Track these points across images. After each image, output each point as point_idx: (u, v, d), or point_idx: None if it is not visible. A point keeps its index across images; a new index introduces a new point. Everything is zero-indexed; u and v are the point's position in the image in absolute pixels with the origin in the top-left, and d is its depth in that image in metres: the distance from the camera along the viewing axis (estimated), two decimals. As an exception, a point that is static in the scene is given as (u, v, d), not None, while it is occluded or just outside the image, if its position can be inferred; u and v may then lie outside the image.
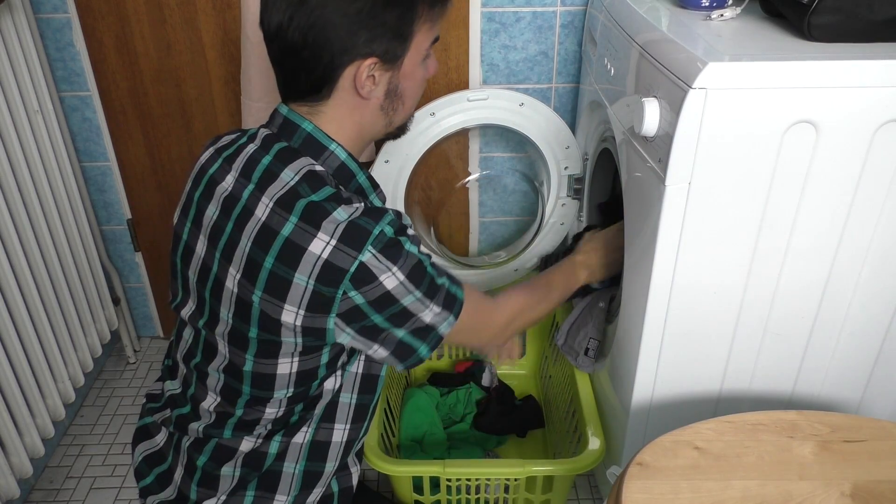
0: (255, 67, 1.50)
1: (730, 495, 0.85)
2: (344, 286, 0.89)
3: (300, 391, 1.01)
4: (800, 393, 1.18)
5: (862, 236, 1.03)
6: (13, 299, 1.38)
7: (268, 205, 0.92)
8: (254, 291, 0.92)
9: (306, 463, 1.05)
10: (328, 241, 0.89)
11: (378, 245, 0.90)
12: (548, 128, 1.50)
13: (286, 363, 0.97)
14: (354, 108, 0.98)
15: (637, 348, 1.12)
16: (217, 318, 0.98)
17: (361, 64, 0.93)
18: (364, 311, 0.92)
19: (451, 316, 1.00)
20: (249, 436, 1.02)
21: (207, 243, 0.98)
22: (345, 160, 0.99)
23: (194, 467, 1.03)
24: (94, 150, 1.69)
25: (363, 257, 0.89)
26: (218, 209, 0.97)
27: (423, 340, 0.99)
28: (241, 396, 1.00)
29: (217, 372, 1.01)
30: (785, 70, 0.93)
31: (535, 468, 1.25)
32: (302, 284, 0.89)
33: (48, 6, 1.53)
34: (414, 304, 0.95)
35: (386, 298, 0.92)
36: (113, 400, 1.77)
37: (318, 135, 0.97)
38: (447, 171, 1.71)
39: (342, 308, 0.91)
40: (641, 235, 1.08)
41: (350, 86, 0.95)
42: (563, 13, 1.54)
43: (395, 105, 1.01)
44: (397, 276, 0.91)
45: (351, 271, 0.89)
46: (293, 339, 0.94)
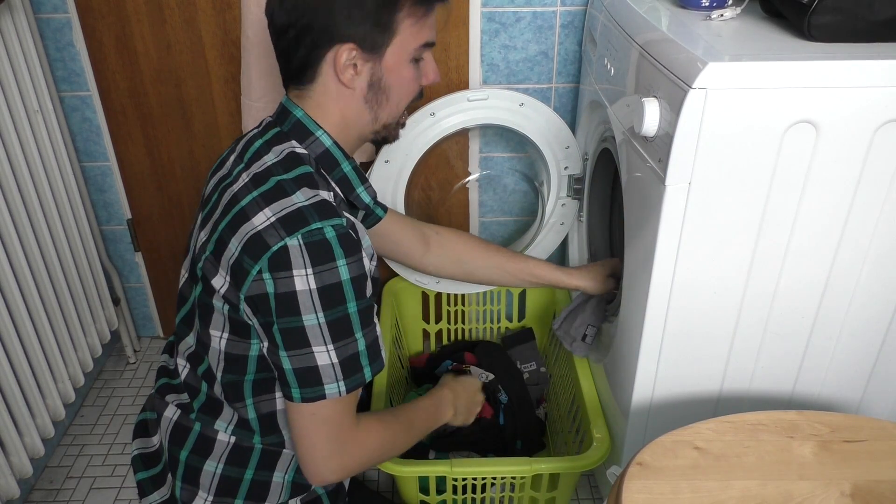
0: (255, 67, 1.50)
1: (730, 495, 0.85)
2: (261, 263, 0.89)
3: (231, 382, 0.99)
4: (800, 393, 1.18)
5: (862, 236, 1.03)
6: (13, 299, 1.38)
7: (245, 179, 0.97)
8: (206, 251, 0.97)
9: (295, 475, 1.06)
10: (270, 216, 0.90)
11: (308, 238, 0.89)
12: (548, 128, 1.50)
13: (216, 335, 0.98)
14: (339, 96, 1.00)
15: (637, 348, 1.12)
16: (195, 282, 1.01)
17: (340, 48, 0.96)
18: (269, 304, 0.90)
19: (343, 383, 0.93)
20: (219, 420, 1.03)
21: (202, 218, 1.03)
22: (329, 147, 1.01)
23: (177, 462, 1.04)
24: (94, 150, 1.69)
25: (289, 241, 0.88)
26: (214, 188, 1.03)
27: (300, 387, 0.93)
28: (202, 364, 1.02)
29: (191, 338, 1.04)
30: (785, 70, 0.93)
31: (541, 466, 1.25)
32: (232, 249, 0.92)
33: (48, 6, 1.53)
34: (313, 328, 0.90)
35: (290, 300, 0.89)
36: (113, 400, 1.77)
37: (306, 121, 1.01)
38: (447, 171, 1.71)
39: (252, 290, 0.90)
40: (641, 235, 1.08)
41: (332, 71, 0.98)
42: (563, 13, 1.54)
43: (378, 99, 1.02)
44: (309, 281, 0.88)
45: (273, 249, 0.89)
46: (221, 308, 0.96)
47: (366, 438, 1.02)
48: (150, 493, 1.08)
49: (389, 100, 1.03)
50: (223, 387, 1.01)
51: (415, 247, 1.35)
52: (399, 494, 1.37)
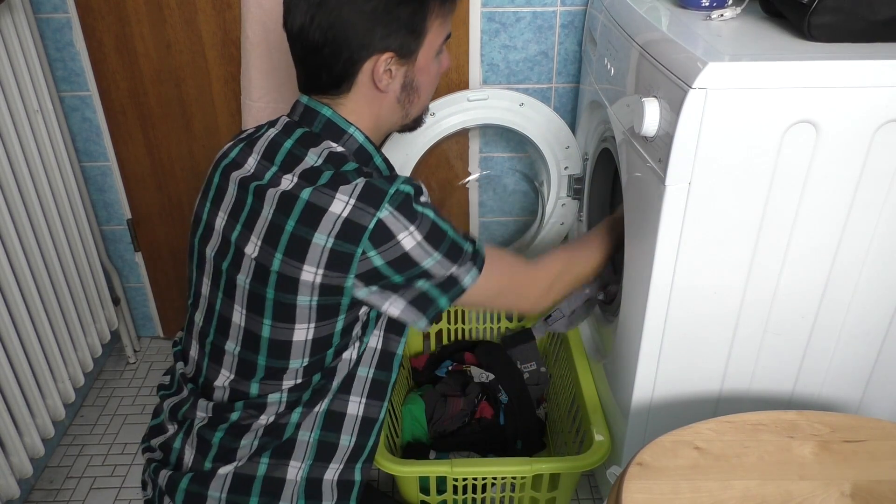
0: (255, 67, 1.50)
1: (730, 495, 0.85)
2: (363, 245, 0.93)
3: (316, 360, 1.02)
4: (800, 393, 1.18)
5: (862, 236, 1.03)
6: (13, 299, 1.38)
7: (292, 179, 0.97)
8: (274, 255, 0.96)
9: (321, 432, 1.06)
10: (347, 200, 0.93)
11: (395, 202, 0.93)
12: (548, 128, 1.50)
13: (302, 329, 0.99)
14: (372, 100, 1.03)
15: (637, 348, 1.12)
16: (234, 287, 1.01)
17: (379, 58, 0.99)
18: (383, 272, 0.95)
19: (474, 269, 1.01)
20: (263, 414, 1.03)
21: (228, 218, 1.02)
22: (362, 143, 1.04)
23: (209, 445, 1.04)
24: (94, 150, 1.69)
25: (381, 214, 0.92)
26: (237, 187, 1.02)
27: (445, 292, 1.01)
28: (257, 371, 1.02)
29: (234, 344, 1.02)
30: (785, 70, 0.93)
31: (542, 466, 1.25)
32: (321, 243, 0.93)
33: (48, 6, 1.53)
34: (434, 266, 0.97)
35: (405, 260, 0.95)
36: (113, 400, 1.77)
37: (336, 119, 1.02)
38: (447, 171, 1.71)
39: (361, 269, 0.94)
40: (641, 235, 1.08)
41: (368, 80, 1.01)
42: (563, 13, 1.54)
43: (411, 98, 1.07)
44: (415, 236, 0.94)
45: (370, 228, 0.92)
46: (308, 299, 0.96)
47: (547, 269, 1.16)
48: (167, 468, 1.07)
49: (420, 97, 1.08)
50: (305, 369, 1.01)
51: None
52: (399, 494, 1.37)
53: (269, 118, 1.56)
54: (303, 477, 1.05)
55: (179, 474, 1.04)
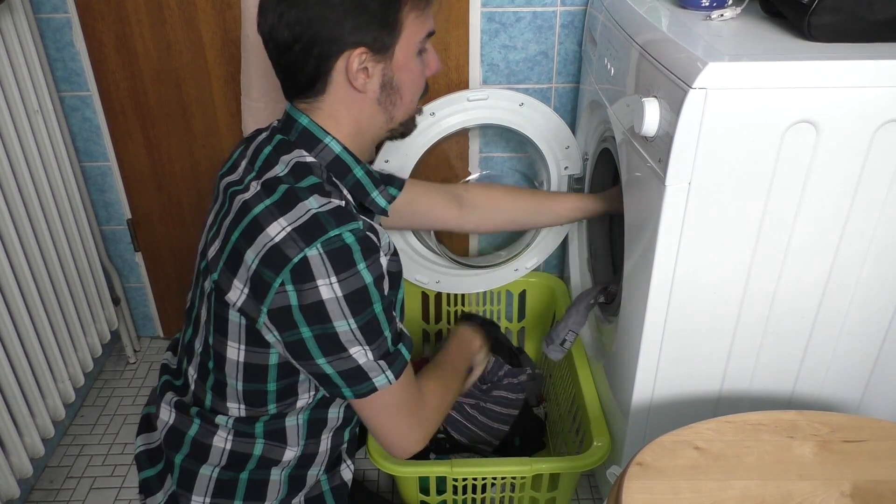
0: (255, 67, 1.50)
1: (730, 495, 0.85)
2: (283, 276, 0.89)
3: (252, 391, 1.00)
4: (800, 393, 1.18)
5: (862, 236, 1.03)
6: (13, 299, 1.37)
7: (256, 188, 0.95)
8: (219, 263, 0.95)
9: (293, 470, 1.07)
10: (285, 226, 0.90)
11: (328, 246, 0.89)
12: (548, 128, 1.50)
13: (234, 348, 0.97)
14: (351, 102, 0.99)
15: (637, 348, 1.12)
16: (203, 290, 1.02)
17: (351, 54, 0.95)
18: (294, 317, 0.90)
19: (389, 371, 0.95)
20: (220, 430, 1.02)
21: (211, 220, 1.03)
22: (339, 153, 1.00)
23: (172, 466, 1.04)
24: (94, 150, 1.69)
25: (309, 252, 0.88)
26: (222, 192, 1.02)
27: (349, 385, 0.95)
28: (209, 376, 1.02)
29: (198, 345, 1.04)
30: (785, 70, 0.93)
31: (541, 466, 1.25)
32: (249, 262, 0.91)
33: (48, 6, 1.53)
34: (346, 334, 0.92)
35: (318, 309, 0.90)
36: (113, 400, 1.77)
37: (312, 128, 0.99)
38: (447, 171, 1.71)
39: (275, 303, 0.90)
40: (641, 235, 1.08)
41: (344, 79, 0.97)
42: (563, 13, 1.54)
43: (392, 99, 1.01)
44: (335, 289, 0.89)
45: (294, 261, 0.88)
46: (237, 320, 0.95)
47: (431, 400, 1.08)
48: (155, 492, 1.08)
49: (403, 98, 1.02)
50: (244, 394, 1.01)
51: (448, 209, 1.36)
52: (399, 495, 1.37)
53: (269, 118, 1.57)
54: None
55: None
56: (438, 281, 1.63)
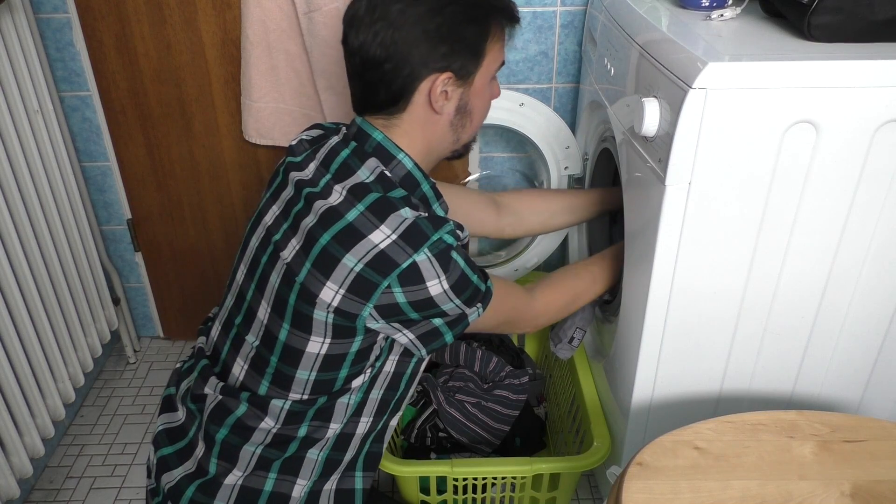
0: (255, 67, 1.50)
1: (730, 495, 0.85)
2: (390, 279, 0.93)
3: (324, 380, 1.02)
4: (800, 393, 1.18)
5: (862, 236, 1.03)
6: (13, 299, 1.38)
7: (341, 192, 0.98)
8: (304, 264, 0.96)
9: (330, 452, 1.07)
10: (389, 234, 0.94)
11: (434, 250, 0.94)
12: (548, 128, 1.50)
13: (317, 342, 0.99)
14: (426, 122, 1.03)
15: (637, 348, 1.12)
16: (265, 284, 1.02)
17: (437, 78, 0.99)
18: (403, 309, 0.96)
19: (481, 307, 1.04)
20: (267, 417, 1.03)
21: (278, 215, 1.04)
22: (411, 169, 1.03)
23: (213, 441, 1.04)
24: (94, 150, 1.69)
25: (417, 257, 0.93)
26: (293, 188, 1.03)
27: (452, 328, 1.03)
28: (268, 370, 1.02)
29: (254, 337, 1.04)
30: (785, 70, 0.93)
31: (542, 466, 1.25)
32: (350, 265, 0.94)
33: (48, 6, 1.53)
34: (453, 309, 0.99)
35: (427, 303, 0.96)
36: (113, 400, 1.77)
37: (387, 144, 1.02)
38: (447, 171, 1.71)
39: (381, 301, 0.95)
40: (641, 235, 1.08)
41: (424, 100, 1.01)
42: (563, 13, 1.54)
43: (463, 122, 1.06)
44: (443, 284, 0.96)
45: (402, 266, 0.93)
46: (324, 318, 0.96)
47: (545, 304, 1.19)
48: (175, 468, 1.07)
49: (472, 121, 1.07)
50: (314, 383, 1.02)
51: (487, 213, 1.38)
52: (400, 494, 1.37)
53: (270, 118, 1.57)
54: (306, 492, 1.06)
55: (186, 480, 1.05)
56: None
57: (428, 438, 1.49)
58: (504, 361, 1.57)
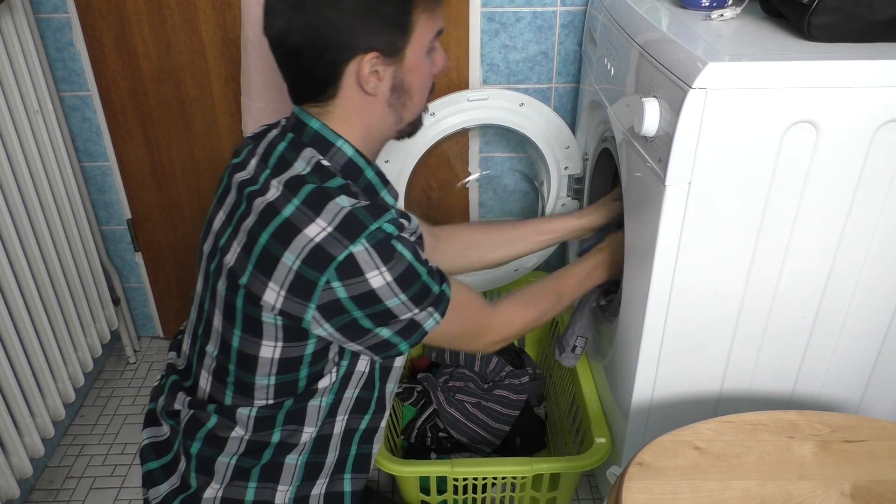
0: (255, 68, 1.50)
1: (730, 495, 0.85)
2: (328, 274, 0.89)
3: (284, 382, 1.00)
4: (800, 393, 1.18)
5: (862, 236, 1.03)
6: (13, 299, 1.38)
7: (277, 187, 0.94)
8: (246, 266, 0.94)
9: (309, 455, 1.06)
10: (325, 226, 0.90)
11: (372, 240, 0.90)
12: (548, 128, 1.50)
13: (269, 346, 0.97)
14: (362, 105, 0.99)
15: (637, 348, 1.12)
16: (215, 292, 1.00)
17: (363, 59, 0.94)
18: (345, 305, 0.92)
19: (437, 314, 0.99)
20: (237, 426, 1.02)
21: (223, 220, 1.01)
22: (352, 156, 1.00)
23: (190, 456, 1.04)
24: (94, 150, 1.69)
25: (354, 248, 0.89)
26: (236, 191, 1.01)
27: (406, 338, 0.98)
28: (229, 379, 1.01)
29: (213, 348, 1.02)
30: (785, 70, 0.93)
31: (542, 466, 1.25)
32: (288, 264, 0.90)
33: (48, 6, 1.53)
34: (398, 306, 0.94)
35: (369, 297, 0.92)
36: (113, 400, 1.77)
37: (324, 132, 0.99)
38: (447, 171, 1.71)
39: (323, 299, 0.91)
40: (641, 235, 1.08)
41: (355, 83, 0.96)
42: (563, 13, 1.54)
43: (402, 100, 1.01)
44: (385, 276, 0.91)
45: (339, 259, 0.89)
46: (273, 321, 0.94)
47: (509, 320, 1.14)
48: (161, 483, 1.07)
49: (413, 98, 1.02)
50: (275, 387, 1.00)
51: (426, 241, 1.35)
52: (400, 494, 1.37)
53: (269, 118, 1.56)
54: (290, 498, 1.05)
55: (171, 495, 1.05)
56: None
57: (428, 438, 1.49)
58: (504, 361, 1.57)
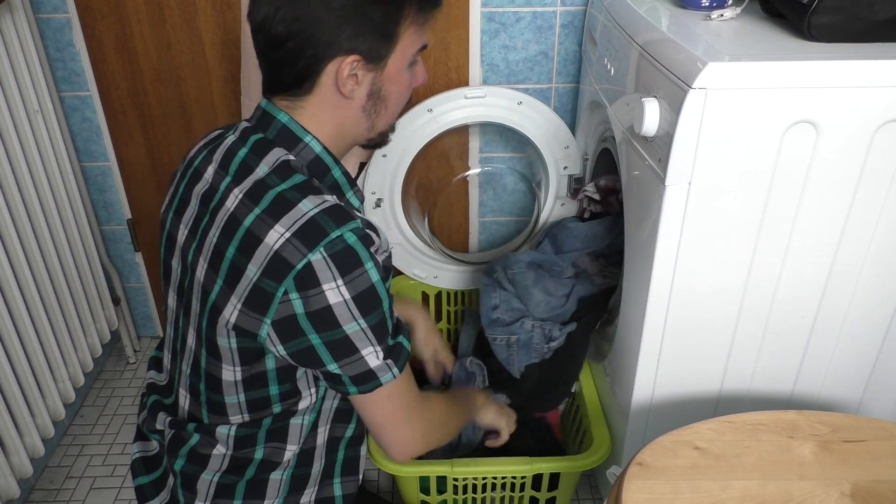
0: (255, 68, 1.48)
1: (730, 495, 0.85)
2: (286, 284, 0.86)
3: (255, 398, 0.98)
4: (800, 393, 1.18)
5: (862, 236, 1.03)
6: (13, 299, 1.38)
7: (238, 196, 0.91)
8: (216, 281, 0.91)
9: (294, 470, 1.05)
10: (283, 232, 0.87)
11: (331, 249, 0.86)
12: (547, 127, 1.50)
13: (230, 370, 0.94)
14: (335, 106, 0.96)
15: (637, 348, 1.12)
16: (190, 309, 0.97)
17: (344, 60, 0.92)
18: (301, 325, 0.88)
19: (395, 368, 0.95)
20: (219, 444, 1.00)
21: (187, 234, 0.98)
22: (319, 153, 0.97)
23: (175, 473, 1.03)
24: (94, 150, 1.69)
25: (312, 256, 0.86)
26: (198, 203, 0.97)
27: (357, 385, 0.94)
28: (201, 397, 1.00)
29: (186, 366, 1.01)
30: (785, 70, 0.93)
31: (541, 466, 1.25)
32: (250, 276, 0.88)
33: (48, 6, 1.53)
34: (357, 333, 0.90)
35: (326, 315, 0.87)
36: (113, 400, 1.77)
37: (292, 126, 0.96)
38: (447, 170, 1.71)
39: (280, 313, 0.87)
40: (641, 235, 1.08)
41: (332, 83, 0.94)
42: (563, 13, 1.54)
43: (377, 108, 0.99)
44: (342, 291, 0.87)
45: (297, 268, 0.86)
46: (227, 344, 0.92)
47: (433, 406, 1.08)
48: (152, 499, 1.07)
49: (388, 108, 1.00)
50: (247, 404, 0.98)
51: None
52: (400, 494, 1.37)
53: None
54: None
55: None
56: (437, 276, 1.63)
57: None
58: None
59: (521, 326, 1.27)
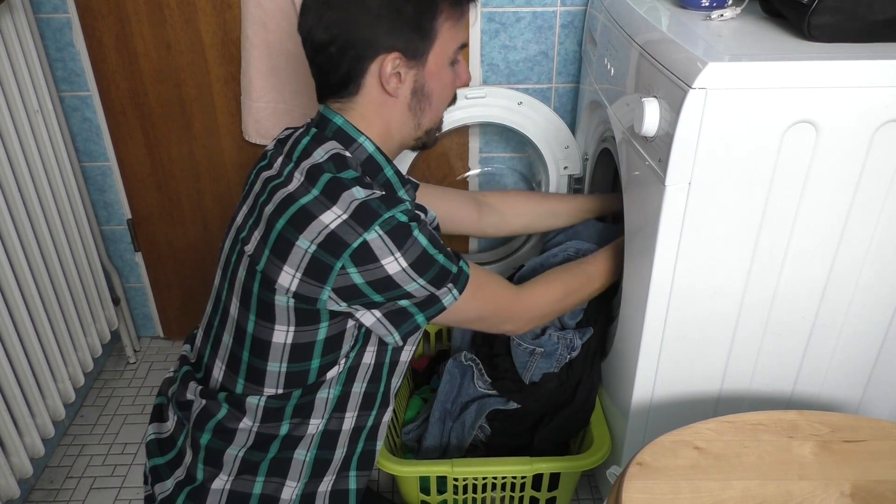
0: (255, 67, 1.50)
1: (730, 495, 0.85)
2: (343, 260, 0.92)
3: (296, 371, 1.01)
4: (800, 393, 1.18)
5: (862, 236, 1.03)
6: (13, 299, 1.38)
7: (299, 178, 0.98)
8: (264, 251, 0.97)
9: (317, 451, 1.07)
10: (340, 214, 0.93)
11: (385, 227, 0.93)
12: (547, 127, 1.50)
13: (282, 331, 0.99)
14: (382, 105, 1.02)
15: (637, 348, 1.12)
16: (234, 280, 1.03)
17: (385, 58, 0.98)
18: (363, 290, 0.95)
19: (455, 290, 1.02)
20: (245, 417, 1.03)
21: (247, 212, 1.04)
22: (372, 153, 1.03)
23: (199, 447, 1.04)
24: (94, 150, 1.69)
25: (368, 236, 0.92)
26: (261, 186, 1.04)
27: (423, 310, 1.01)
28: (241, 367, 1.03)
29: (228, 336, 1.04)
30: (785, 70, 0.93)
31: (541, 466, 1.25)
32: (303, 248, 0.93)
33: (48, 6, 1.53)
34: (417, 289, 0.97)
35: (387, 282, 0.95)
36: (113, 400, 1.77)
37: (347, 128, 1.02)
38: (446, 169, 1.71)
39: (338, 283, 0.94)
40: (641, 235, 1.08)
41: (376, 82, 1.00)
42: (563, 13, 1.54)
43: (422, 105, 1.05)
44: (400, 262, 0.94)
45: (353, 246, 0.92)
46: (285, 303, 0.97)
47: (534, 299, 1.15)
48: (166, 478, 1.08)
49: (432, 105, 1.06)
50: (286, 375, 1.02)
51: (469, 213, 1.39)
52: (400, 494, 1.37)
53: (270, 118, 1.57)
54: (298, 494, 1.06)
55: (177, 489, 1.05)
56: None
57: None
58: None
59: (549, 339, 1.30)
